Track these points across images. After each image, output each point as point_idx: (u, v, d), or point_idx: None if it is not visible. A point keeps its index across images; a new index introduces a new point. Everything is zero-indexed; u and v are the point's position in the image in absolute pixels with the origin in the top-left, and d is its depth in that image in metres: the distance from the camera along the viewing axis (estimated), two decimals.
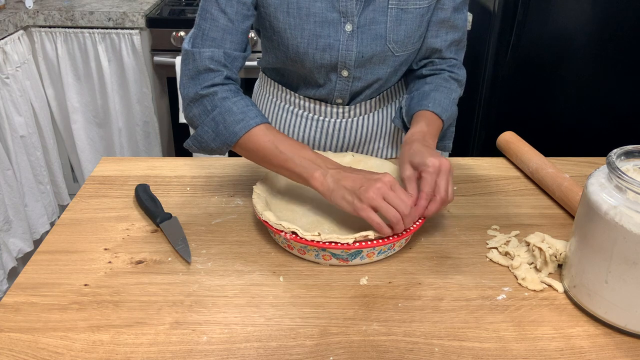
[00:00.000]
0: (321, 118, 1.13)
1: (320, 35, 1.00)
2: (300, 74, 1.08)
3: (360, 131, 1.15)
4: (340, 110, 1.12)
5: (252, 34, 2.02)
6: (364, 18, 1.00)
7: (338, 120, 1.13)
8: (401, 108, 1.09)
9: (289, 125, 1.16)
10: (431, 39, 1.06)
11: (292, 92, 1.13)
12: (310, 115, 1.13)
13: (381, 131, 1.18)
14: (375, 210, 0.82)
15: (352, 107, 1.12)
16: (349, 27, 0.99)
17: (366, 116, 1.14)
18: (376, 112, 1.16)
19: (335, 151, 1.17)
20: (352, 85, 1.07)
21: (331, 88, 1.07)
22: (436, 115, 1.01)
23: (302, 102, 1.13)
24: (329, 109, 1.12)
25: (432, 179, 0.86)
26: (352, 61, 1.02)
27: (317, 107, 1.12)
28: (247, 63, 2.00)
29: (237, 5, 0.96)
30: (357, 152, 1.18)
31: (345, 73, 1.04)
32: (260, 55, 1.19)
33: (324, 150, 1.17)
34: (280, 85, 1.15)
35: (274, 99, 1.17)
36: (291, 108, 1.15)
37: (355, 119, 1.14)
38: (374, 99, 1.14)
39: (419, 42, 1.06)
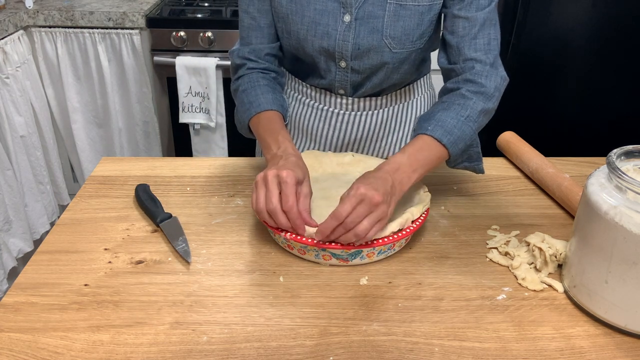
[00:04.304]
0: (325, 108, 1.16)
1: (319, 23, 1.03)
2: (305, 62, 1.11)
3: (363, 127, 1.16)
4: (344, 101, 1.14)
5: None
6: (363, 10, 1.01)
7: (342, 112, 1.15)
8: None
9: (298, 114, 1.19)
10: (448, 36, 1.01)
11: (300, 81, 1.17)
12: (317, 104, 1.16)
13: (385, 130, 1.18)
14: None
15: (356, 100, 1.14)
16: (347, 17, 1.02)
17: (370, 112, 1.15)
18: (382, 111, 1.16)
19: (341, 146, 1.19)
20: (351, 77, 1.09)
21: (332, 78, 1.10)
22: (434, 140, 0.92)
23: (309, 90, 1.16)
24: (332, 99, 1.14)
25: (345, 205, 0.80)
26: (349, 52, 1.04)
27: (322, 96, 1.15)
28: None
29: (257, 3, 1.06)
30: (361, 149, 1.20)
31: (343, 64, 1.07)
32: None
33: (330, 145, 1.18)
34: (289, 74, 1.19)
35: (286, 88, 1.21)
36: (299, 97, 1.18)
37: (359, 113, 1.15)
38: (380, 97, 1.14)
39: (420, 41, 1.05)
